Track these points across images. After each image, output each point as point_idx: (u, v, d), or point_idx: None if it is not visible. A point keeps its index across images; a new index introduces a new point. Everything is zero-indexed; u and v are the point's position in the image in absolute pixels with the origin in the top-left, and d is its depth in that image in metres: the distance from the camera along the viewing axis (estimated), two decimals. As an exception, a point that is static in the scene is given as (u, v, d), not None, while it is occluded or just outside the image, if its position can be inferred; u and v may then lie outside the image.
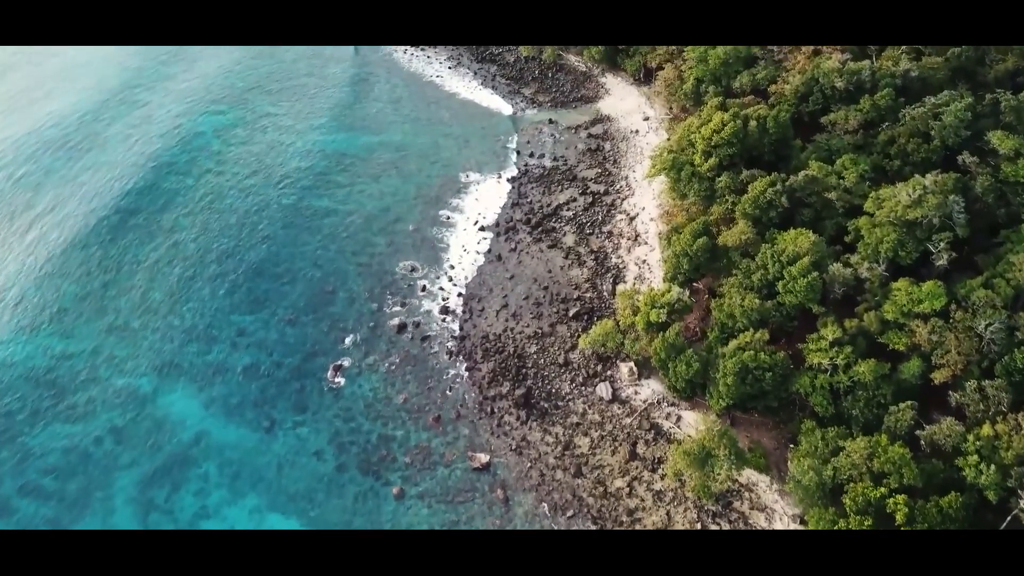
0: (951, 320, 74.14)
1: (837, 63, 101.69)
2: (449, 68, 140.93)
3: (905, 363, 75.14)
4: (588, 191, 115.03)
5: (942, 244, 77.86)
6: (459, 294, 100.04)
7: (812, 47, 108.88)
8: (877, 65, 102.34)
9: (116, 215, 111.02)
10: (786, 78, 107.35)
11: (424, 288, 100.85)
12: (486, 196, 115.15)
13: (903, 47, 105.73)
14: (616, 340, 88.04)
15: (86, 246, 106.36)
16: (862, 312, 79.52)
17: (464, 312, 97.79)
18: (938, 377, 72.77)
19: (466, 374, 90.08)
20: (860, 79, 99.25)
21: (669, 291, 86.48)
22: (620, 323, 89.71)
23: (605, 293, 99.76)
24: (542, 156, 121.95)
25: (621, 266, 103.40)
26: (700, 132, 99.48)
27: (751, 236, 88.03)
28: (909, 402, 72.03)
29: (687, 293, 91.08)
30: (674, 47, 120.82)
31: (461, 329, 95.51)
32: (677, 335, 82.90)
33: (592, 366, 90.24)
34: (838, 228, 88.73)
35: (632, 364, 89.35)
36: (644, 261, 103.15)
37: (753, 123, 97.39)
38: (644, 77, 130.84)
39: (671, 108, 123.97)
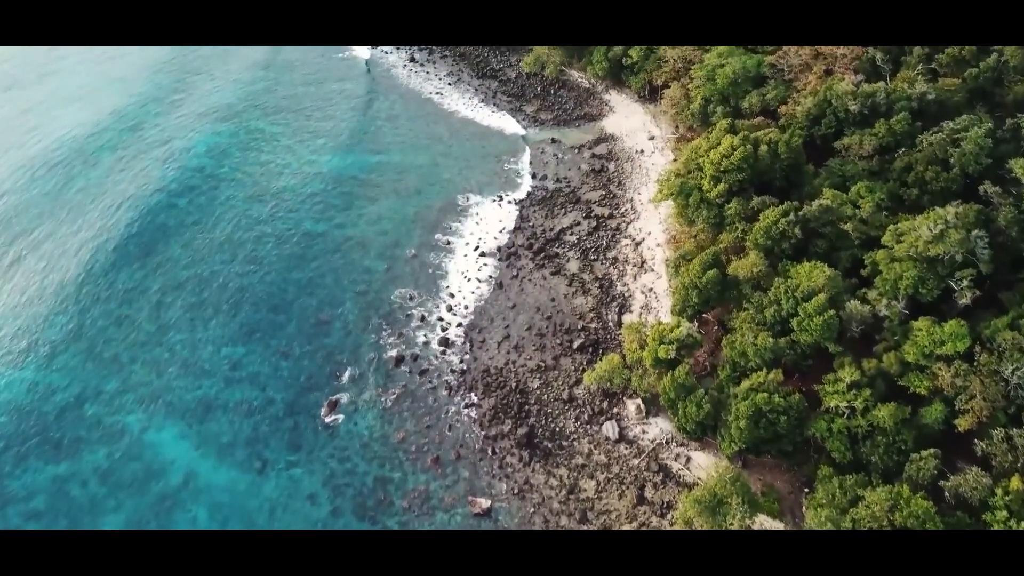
0: (975, 363, 70.63)
1: (851, 85, 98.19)
2: (449, 84, 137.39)
3: (927, 408, 71.69)
4: (592, 214, 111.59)
5: (965, 282, 74.33)
6: (459, 324, 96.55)
7: (824, 68, 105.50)
8: (892, 87, 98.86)
9: (104, 241, 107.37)
10: (797, 99, 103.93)
11: (423, 318, 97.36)
12: (487, 219, 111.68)
13: (919, 68, 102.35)
14: (623, 376, 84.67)
15: (72, 274, 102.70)
16: (881, 352, 76.04)
17: (464, 344, 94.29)
18: (962, 424, 69.24)
19: (466, 411, 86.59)
20: (875, 102, 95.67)
21: (678, 326, 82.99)
22: (627, 358, 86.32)
23: (610, 323, 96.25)
24: (544, 177, 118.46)
25: (627, 294, 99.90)
26: (709, 156, 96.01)
27: (763, 269, 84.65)
28: (932, 450, 68.52)
29: (696, 328, 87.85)
30: (680, 64, 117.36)
31: (461, 362, 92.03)
32: (687, 374, 79.42)
33: (598, 403, 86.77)
34: (854, 260, 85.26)
35: (639, 401, 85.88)
36: (651, 289, 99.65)
37: (764, 148, 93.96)
38: (649, 94, 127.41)
39: (677, 127, 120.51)
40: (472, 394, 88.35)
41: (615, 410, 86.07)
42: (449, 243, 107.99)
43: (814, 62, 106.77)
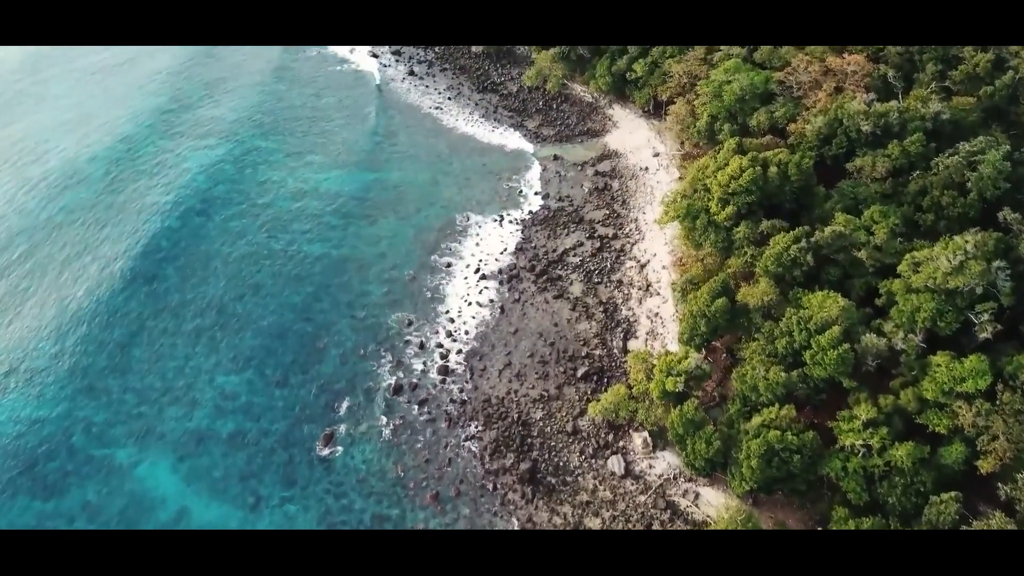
0: (998, 402, 67.74)
1: (863, 104, 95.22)
2: (448, 99, 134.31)
3: (946, 447, 68.82)
4: (596, 235, 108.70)
5: (985, 316, 71.42)
6: (459, 351, 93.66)
7: (834, 84, 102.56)
8: (904, 105, 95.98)
9: (91, 264, 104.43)
10: (807, 117, 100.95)
11: (422, 344, 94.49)
12: (488, 240, 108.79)
13: (932, 85, 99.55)
14: (629, 409, 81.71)
15: (58, 299, 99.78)
16: (898, 388, 73.24)
17: (464, 372, 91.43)
18: (985, 466, 66.37)
19: (467, 444, 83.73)
20: (887, 122, 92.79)
21: (686, 357, 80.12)
22: (633, 389, 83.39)
23: (615, 350, 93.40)
24: (547, 196, 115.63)
25: (632, 319, 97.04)
26: (716, 177, 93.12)
27: (774, 297, 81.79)
28: (953, 493, 65.69)
29: (704, 356, 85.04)
30: (686, 80, 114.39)
31: (461, 392, 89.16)
32: (696, 409, 76.55)
33: (603, 436, 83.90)
34: (868, 288, 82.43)
35: (646, 434, 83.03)
36: (657, 314, 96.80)
37: (773, 169, 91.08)
38: (654, 109, 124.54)
39: (682, 143, 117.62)
40: (473, 425, 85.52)
41: (621, 443, 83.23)
42: (449, 265, 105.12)
43: (824, 79, 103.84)
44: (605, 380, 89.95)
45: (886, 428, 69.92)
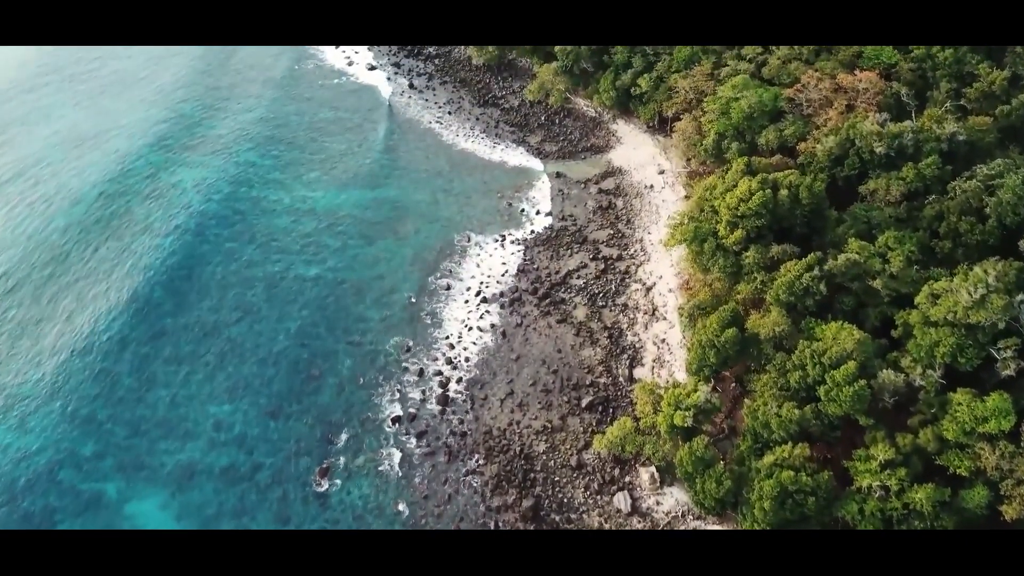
0: (1022, 444, 64.84)
1: (875, 124, 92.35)
2: (448, 113, 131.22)
3: (968, 491, 65.94)
4: (600, 256, 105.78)
5: (1008, 352, 68.50)
6: (459, 380, 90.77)
7: (845, 103, 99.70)
8: (918, 125, 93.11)
9: (77, 285, 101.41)
10: (817, 136, 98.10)
11: (421, 372, 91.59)
12: (489, 261, 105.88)
13: (947, 105, 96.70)
14: (636, 443, 78.88)
15: (41, 320, 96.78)
16: (916, 426, 70.36)
17: (464, 401, 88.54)
18: (1009, 512, 63.53)
19: (467, 479, 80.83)
20: (902, 143, 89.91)
21: (696, 390, 77.25)
22: (640, 421, 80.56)
23: (621, 379, 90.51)
24: (549, 214, 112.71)
25: (638, 345, 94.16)
26: (725, 200, 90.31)
27: (786, 328, 78.91)
28: (976, 540, 62.69)
29: (713, 388, 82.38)
30: (692, 96, 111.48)
31: (461, 423, 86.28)
32: (705, 447, 73.69)
33: (608, 470, 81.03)
34: (883, 318, 79.64)
35: (653, 469, 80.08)
36: (663, 340, 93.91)
37: (784, 192, 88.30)
38: (659, 124, 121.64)
39: (689, 160, 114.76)
40: (473, 459, 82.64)
41: (627, 479, 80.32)
42: (449, 287, 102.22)
43: (834, 96, 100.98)
44: (611, 410, 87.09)
45: (904, 469, 67.16)
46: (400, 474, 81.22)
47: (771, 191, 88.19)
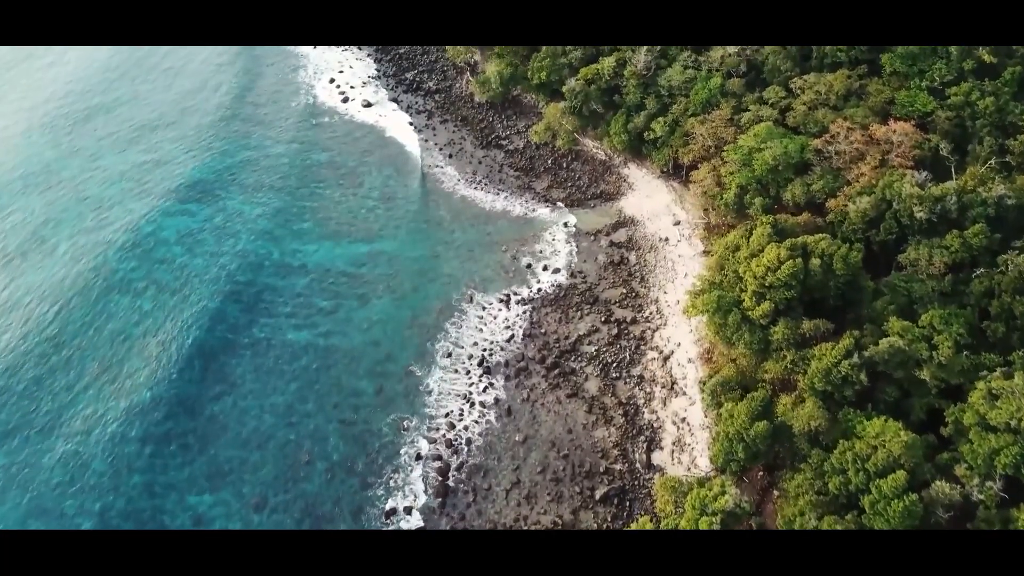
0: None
1: (915, 184, 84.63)
2: (450, 156, 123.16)
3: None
4: (612, 318, 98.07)
5: (1081, 466, 60.87)
6: (460, 466, 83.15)
7: (879, 156, 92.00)
8: (960, 184, 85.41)
9: (40, 345, 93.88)
10: (848, 193, 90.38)
11: (418, 456, 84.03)
12: (493, 324, 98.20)
13: (990, 162, 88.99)
14: (656, 549, 70.97)
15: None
16: (976, 547, 62.50)
17: (466, 492, 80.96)
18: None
19: (470, 587, 73.04)
20: (944, 207, 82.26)
21: (723, 493, 69.58)
22: (661, 522, 72.89)
23: (638, 464, 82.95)
24: (557, 271, 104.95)
25: (656, 425, 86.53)
26: (751, 267, 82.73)
27: (823, 423, 71.28)
28: None
29: (741, 483, 74.84)
30: (710, 143, 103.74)
31: (463, 518, 78.65)
32: (736, 564, 65.87)
33: (625, 577, 73.13)
34: (931, 410, 72.08)
35: (675, 578, 72.21)
36: (683, 419, 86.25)
37: (816, 261, 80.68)
38: (673, 170, 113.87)
39: (706, 211, 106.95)
40: (476, 562, 74.82)
41: (646, 588, 72.46)
42: (449, 355, 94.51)
43: (867, 148, 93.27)
44: (627, 503, 79.54)
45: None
46: (395, 580, 73.45)
47: (801, 258, 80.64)
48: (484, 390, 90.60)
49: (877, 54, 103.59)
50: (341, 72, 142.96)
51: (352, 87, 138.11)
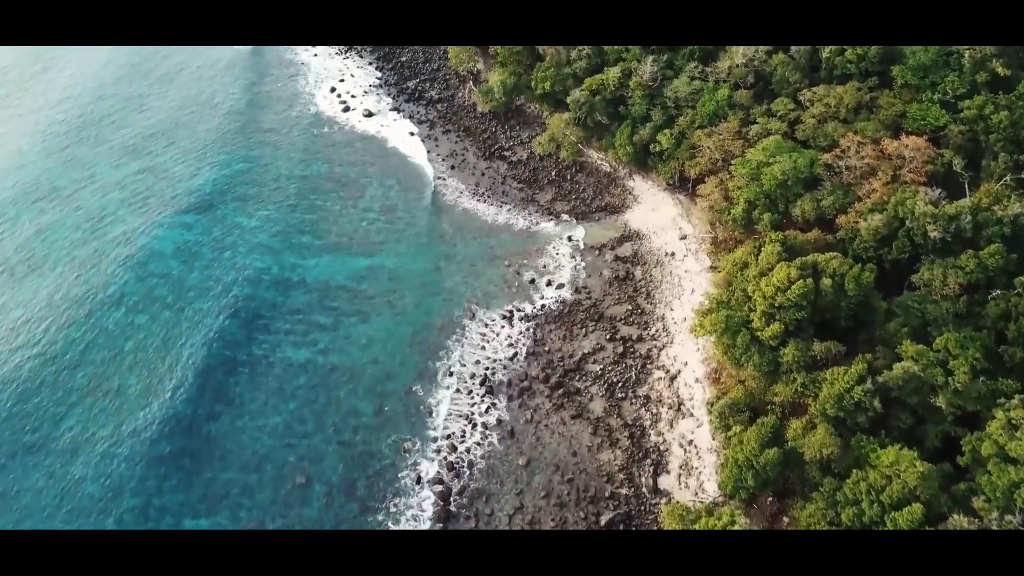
0: None
1: (928, 202, 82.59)
2: (452, 167, 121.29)
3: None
4: (618, 336, 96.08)
5: (1106, 501, 58.83)
6: (461, 491, 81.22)
7: (891, 172, 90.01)
8: (975, 201, 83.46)
9: (31, 359, 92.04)
10: (859, 209, 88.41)
11: (418, 479, 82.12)
12: (496, 341, 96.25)
13: (1006, 179, 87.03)
14: (663, 580, 69.00)
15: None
16: (995, 584, 60.48)
17: (467, 517, 79.03)
18: None
19: (471, 617, 71.04)
20: (959, 225, 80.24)
21: (732, 523, 67.58)
22: (667, 552, 70.74)
23: (644, 488, 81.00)
24: (561, 286, 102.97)
25: (662, 447, 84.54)
26: (760, 286, 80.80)
27: (835, 450, 69.29)
28: None
29: (750, 505, 72.90)
30: (717, 156, 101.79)
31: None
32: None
33: (631, 608, 71.13)
34: (946, 438, 70.08)
35: (683, 610, 70.23)
36: (690, 442, 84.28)
37: (827, 280, 78.77)
38: (679, 182, 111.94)
39: (713, 225, 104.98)
40: (478, 591, 72.81)
41: (653, 620, 70.45)
42: (451, 373, 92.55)
43: (878, 164, 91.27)
44: (633, 529, 77.38)
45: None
46: (395, 610, 71.45)
47: (812, 278, 78.69)
48: (487, 410, 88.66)
49: (888, 66, 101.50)
50: (342, 80, 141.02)
51: (353, 96, 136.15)
